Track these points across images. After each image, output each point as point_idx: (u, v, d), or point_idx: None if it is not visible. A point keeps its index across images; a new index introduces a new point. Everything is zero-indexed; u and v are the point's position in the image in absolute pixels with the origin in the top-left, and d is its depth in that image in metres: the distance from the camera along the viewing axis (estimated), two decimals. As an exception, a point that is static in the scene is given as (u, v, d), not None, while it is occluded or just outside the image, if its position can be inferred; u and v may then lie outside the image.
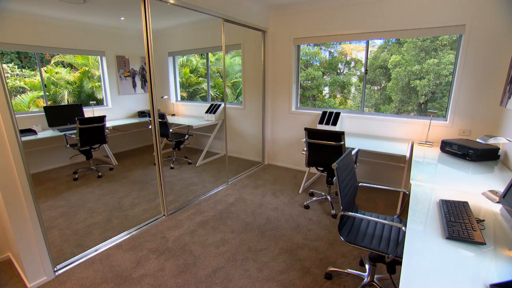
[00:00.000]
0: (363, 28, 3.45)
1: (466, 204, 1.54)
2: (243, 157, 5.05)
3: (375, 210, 3.04)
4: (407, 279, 1.03)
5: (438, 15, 3.02)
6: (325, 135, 2.80)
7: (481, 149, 2.45)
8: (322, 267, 2.14)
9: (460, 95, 3.08)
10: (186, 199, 3.33)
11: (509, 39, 2.73)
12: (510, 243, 1.26)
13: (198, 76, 8.96)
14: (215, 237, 2.56)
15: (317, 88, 7.96)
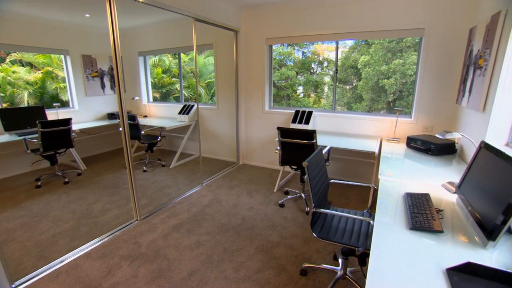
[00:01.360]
0: (333, 29, 3.55)
1: (428, 196, 1.64)
2: (218, 157, 5.01)
3: (347, 205, 3.14)
4: (374, 269, 1.07)
5: (401, 18, 3.18)
6: (297, 134, 2.85)
7: (441, 144, 2.62)
8: (298, 264, 2.17)
9: (423, 93, 3.27)
10: (160, 202, 3.24)
11: (461, 43, 2.95)
12: (464, 230, 1.35)
13: (171, 77, 8.75)
14: (190, 239, 2.51)
15: (291, 87, 8.08)
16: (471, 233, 1.32)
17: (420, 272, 1.05)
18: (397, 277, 1.03)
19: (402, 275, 1.04)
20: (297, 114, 3.89)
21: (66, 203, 3.24)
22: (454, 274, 1.04)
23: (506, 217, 1.12)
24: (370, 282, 1.01)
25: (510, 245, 1.24)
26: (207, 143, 5.10)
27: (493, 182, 1.32)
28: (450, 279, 1.01)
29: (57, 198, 3.38)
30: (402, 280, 1.01)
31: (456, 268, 1.05)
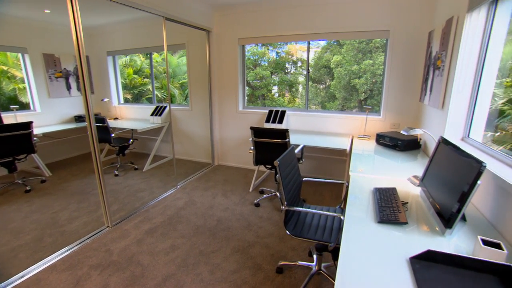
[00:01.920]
0: (304, 30, 3.62)
1: (394, 190, 1.72)
2: (192, 159, 4.93)
3: (322, 202, 3.22)
4: (344, 262, 1.11)
5: (369, 20, 3.31)
6: (270, 133, 2.88)
7: (407, 140, 2.76)
8: (274, 262, 2.19)
9: (390, 92, 3.43)
10: (133, 207, 3.13)
11: (422, 45, 3.13)
12: (427, 220, 1.44)
13: (143, 77, 8.47)
14: (164, 244, 2.45)
15: (266, 87, 8.14)
16: (432, 223, 1.41)
17: (386, 262, 1.10)
18: (365, 268, 1.07)
19: (369, 266, 1.08)
20: (270, 113, 3.93)
21: (28, 213, 3.02)
22: (416, 262, 1.10)
23: (460, 205, 1.21)
24: (340, 274, 1.04)
25: (464, 231, 1.34)
26: (181, 144, 5.00)
27: (450, 174, 1.41)
28: (413, 267, 1.07)
29: (17, 208, 3.15)
30: (370, 271, 1.05)
31: (418, 256, 1.11)
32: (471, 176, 1.18)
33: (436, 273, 1.04)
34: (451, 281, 0.99)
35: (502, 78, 5.63)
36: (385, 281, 1.00)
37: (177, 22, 3.44)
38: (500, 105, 5.13)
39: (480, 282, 0.99)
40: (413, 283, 0.99)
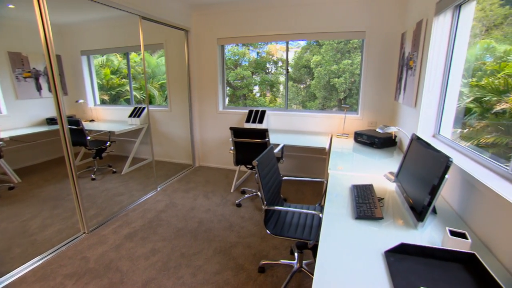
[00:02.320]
0: (283, 30, 3.66)
1: (371, 187, 1.77)
2: (173, 160, 4.85)
3: (303, 201, 3.27)
4: (322, 258, 1.13)
5: (346, 21, 3.40)
6: (250, 133, 2.89)
7: (384, 138, 2.85)
8: (256, 262, 2.20)
9: (367, 91, 3.53)
10: (111, 211, 3.03)
11: (396, 46, 3.25)
12: (401, 214, 1.49)
13: (121, 78, 8.21)
14: (144, 248, 2.39)
15: (247, 87, 8.15)
16: (406, 217, 1.46)
17: (362, 257, 1.13)
18: (342, 263, 1.10)
19: (347, 261, 1.11)
20: (250, 113, 3.93)
21: (-4, 222, 2.85)
22: (390, 255, 1.14)
23: (431, 197, 1.26)
24: (318, 270, 1.06)
25: (435, 223, 1.40)
26: (161, 146, 4.90)
27: (421, 169, 1.48)
28: (387, 260, 1.10)
29: (-17, 217, 2.97)
30: (347, 266, 1.08)
31: (392, 250, 1.15)
32: (440, 170, 1.24)
33: (408, 264, 1.08)
34: (421, 271, 1.04)
35: (468, 78, 5.94)
36: (361, 274, 1.03)
37: (154, 22, 3.37)
38: (468, 103, 5.43)
39: (447, 270, 1.04)
40: (387, 276, 1.02)
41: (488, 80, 5.18)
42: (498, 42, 6.08)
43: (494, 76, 5.24)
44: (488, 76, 5.43)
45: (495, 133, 4.99)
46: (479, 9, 6.78)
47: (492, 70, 5.54)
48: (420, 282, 0.98)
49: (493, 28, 6.68)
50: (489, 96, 5.06)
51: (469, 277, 1.00)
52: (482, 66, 5.90)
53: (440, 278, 1.00)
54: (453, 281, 0.99)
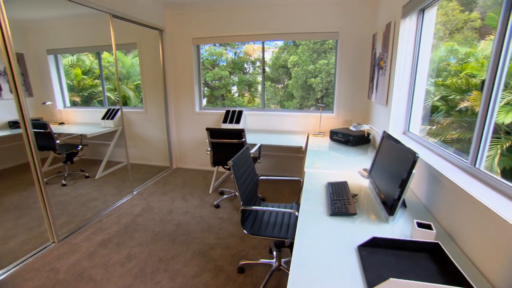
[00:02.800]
0: (259, 30, 3.67)
1: (346, 183, 1.81)
2: (149, 163, 4.72)
3: (281, 199, 3.30)
4: (297, 255, 1.15)
5: (320, 22, 3.47)
6: (226, 134, 2.88)
7: (358, 136, 2.94)
8: (235, 262, 2.19)
9: (341, 91, 3.63)
10: (84, 218, 2.90)
11: (368, 46, 3.37)
12: (374, 209, 1.54)
13: (93, 78, 7.87)
14: (120, 254, 2.31)
15: (225, 87, 8.11)
16: (378, 212, 1.52)
17: (337, 252, 1.16)
18: (317, 259, 1.12)
19: (321, 257, 1.13)
20: (227, 114, 3.92)
21: (-48, 235, 2.64)
22: (363, 249, 1.17)
23: (401, 191, 1.31)
24: (293, 267, 1.08)
25: (405, 217, 1.46)
26: (137, 148, 4.76)
27: (392, 165, 1.54)
28: (360, 254, 1.14)
29: None
30: (322, 262, 1.10)
31: (364, 244, 1.19)
32: (408, 165, 1.30)
33: (379, 257, 1.12)
34: (391, 263, 1.08)
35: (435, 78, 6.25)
36: (335, 269, 1.06)
37: (126, 20, 3.26)
38: (435, 102, 5.71)
39: (415, 260, 1.09)
40: (360, 269, 1.05)
41: (452, 80, 5.51)
42: (460, 45, 6.47)
43: (457, 76, 5.57)
44: (452, 76, 5.77)
45: (459, 129, 5.31)
46: (442, 14, 7.21)
47: (455, 70, 5.89)
48: (390, 273, 1.02)
49: (455, 32, 7.11)
50: (453, 94, 5.38)
51: (433, 265, 1.06)
52: (447, 67, 6.26)
53: (408, 268, 1.05)
54: (419, 270, 1.04)
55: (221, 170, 4.14)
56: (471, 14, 6.68)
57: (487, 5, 6.19)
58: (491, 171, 3.86)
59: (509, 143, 4.13)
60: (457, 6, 7.00)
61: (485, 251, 1.04)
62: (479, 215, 1.09)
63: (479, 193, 1.10)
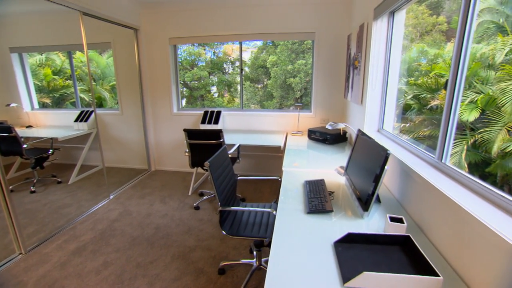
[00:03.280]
0: (236, 30, 3.66)
1: (323, 181, 1.85)
2: (127, 166, 4.58)
3: (261, 199, 3.30)
4: (275, 253, 1.16)
5: (296, 22, 3.51)
6: (204, 135, 2.85)
7: (335, 134, 3.01)
8: (216, 264, 2.17)
9: (318, 90, 3.69)
10: (55, 226, 2.76)
11: (343, 46, 3.46)
12: (350, 206, 1.58)
13: (65, 79, 7.51)
14: (95, 262, 2.22)
15: (204, 88, 8.02)
16: (354, 208, 1.56)
17: (313, 249, 1.18)
18: (294, 257, 1.13)
19: (298, 254, 1.15)
20: (206, 114, 3.88)
21: None
22: (339, 245, 1.20)
23: (375, 185, 1.35)
24: (271, 265, 1.09)
25: (379, 212, 1.51)
26: (114, 151, 4.60)
27: (366, 162, 1.58)
28: (336, 250, 1.17)
29: None
30: (299, 259, 1.12)
31: (340, 240, 1.21)
32: (380, 161, 1.34)
33: (355, 252, 1.15)
34: (366, 257, 1.11)
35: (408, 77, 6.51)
36: (311, 266, 1.07)
37: (97, 18, 3.14)
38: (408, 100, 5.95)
39: (388, 253, 1.13)
40: (336, 265, 1.08)
41: (423, 79, 5.79)
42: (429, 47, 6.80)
43: (428, 76, 5.86)
44: (423, 76, 6.05)
45: (430, 127, 5.59)
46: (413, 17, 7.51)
47: (425, 70, 6.19)
48: (364, 267, 1.05)
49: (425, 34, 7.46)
50: (424, 93, 5.65)
51: (404, 257, 1.10)
52: (418, 67, 6.56)
53: (382, 261, 1.09)
54: (391, 263, 1.08)
55: (200, 171, 4.10)
56: (438, 18, 7.06)
57: (452, 9, 6.56)
58: (459, 166, 4.09)
59: (473, 139, 4.39)
60: (426, 10, 7.36)
61: (449, 240, 1.09)
62: (444, 207, 1.15)
63: (445, 186, 1.16)
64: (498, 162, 4.13)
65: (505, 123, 4.07)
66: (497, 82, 4.42)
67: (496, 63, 4.52)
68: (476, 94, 4.57)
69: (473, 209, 0.96)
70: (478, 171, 4.51)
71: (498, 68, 4.52)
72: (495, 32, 4.90)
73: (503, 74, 4.35)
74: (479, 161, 4.41)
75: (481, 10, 4.94)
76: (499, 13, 4.91)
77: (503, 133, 4.03)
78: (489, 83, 4.60)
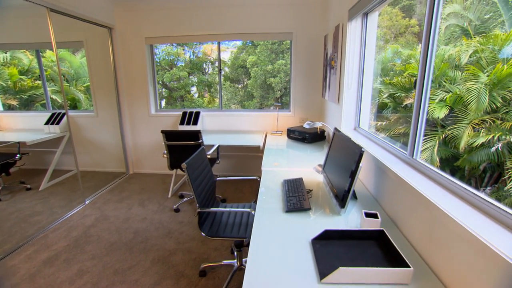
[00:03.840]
0: (214, 30, 3.63)
1: (301, 180, 1.87)
2: (103, 169, 4.42)
3: (242, 199, 3.30)
4: (253, 253, 1.16)
5: (274, 22, 3.53)
6: (182, 136, 2.81)
7: (313, 133, 3.05)
8: (197, 266, 2.14)
9: (297, 89, 3.74)
10: (24, 236, 2.60)
11: (320, 47, 3.52)
12: (328, 203, 1.61)
13: (34, 79, 7.11)
14: (69, 271, 2.12)
15: (184, 88, 7.90)
16: (332, 205, 1.59)
17: (292, 247, 1.19)
18: (273, 255, 1.14)
19: (277, 253, 1.15)
20: (184, 115, 3.82)
21: None
22: (316, 242, 1.22)
23: (351, 181, 1.38)
24: (249, 264, 1.08)
25: (356, 208, 1.55)
26: (89, 155, 4.42)
27: (342, 159, 1.62)
28: (313, 247, 1.18)
29: None
30: (277, 257, 1.12)
31: (318, 237, 1.23)
32: (355, 159, 1.38)
33: (331, 248, 1.17)
34: (342, 253, 1.14)
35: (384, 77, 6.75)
36: (290, 264, 1.08)
37: (66, 15, 3.00)
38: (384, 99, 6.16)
39: (363, 248, 1.16)
40: (313, 261, 1.09)
41: (397, 79, 6.02)
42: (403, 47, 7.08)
43: (402, 75, 6.10)
44: (397, 76, 6.30)
45: (405, 124, 5.82)
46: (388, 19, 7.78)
47: (400, 70, 6.44)
48: (340, 262, 1.07)
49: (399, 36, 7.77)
50: (399, 92, 5.88)
51: (379, 250, 1.14)
52: (393, 67, 6.83)
53: (357, 256, 1.12)
54: (367, 257, 1.11)
55: (180, 173, 4.03)
56: (411, 20, 7.38)
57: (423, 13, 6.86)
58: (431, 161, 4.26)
59: (444, 135, 4.63)
60: (399, 13, 7.69)
61: (420, 233, 1.14)
62: (415, 201, 1.20)
63: (415, 181, 1.22)
64: (465, 156, 4.39)
65: (471, 120, 4.33)
66: (463, 82, 4.69)
67: (462, 63, 4.80)
68: (445, 93, 4.82)
69: (440, 202, 1.00)
70: (449, 165, 4.77)
71: (464, 68, 4.79)
72: (460, 35, 5.20)
73: (468, 74, 4.62)
74: (450, 156, 4.66)
75: (448, 14, 5.22)
76: (463, 17, 5.22)
77: (469, 130, 4.28)
78: (457, 82, 4.86)
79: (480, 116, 4.31)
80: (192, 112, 3.84)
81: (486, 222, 0.88)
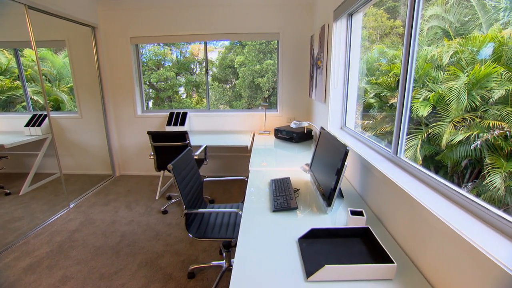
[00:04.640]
0: (200, 30, 3.60)
1: (288, 179, 1.87)
2: (88, 172, 4.31)
3: (230, 199, 3.29)
4: (241, 253, 1.16)
5: (261, 23, 3.54)
6: (169, 137, 2.78)
7: (301, 132, 3.08)
8: (185, 268, 2.11)
9: (284, 89, 3.76)
10: (3, 243, 2.50)
11: (307, 47, 3.55)
12: (315, 202, 1.63)
13: (13, 79, 6.86)
14: (52, 278, 2.06)
15: (171, 88, 7.81)
16: (318, 204, 1.60)
17: (278, 247, 1.19)
18: (260, 255, 1.14)
19: (264, 252, 1.15)
20: (171, 116, 3.78)
21: None
22: (303, 241, 1.23)
23: (337, 179, 1.40)
24: (236, 266, 1.08)
25: (342, 206, 1.57)
26: (73, 157, 4.30)
27: (329, 158, 1.63)
28: (300, 246, 1.19)
29: None
30: (264, 257, 1.12)
31: (304, 236, 1.24)
32: (341, 157, 1.39)
33: (318, 247, 1.18)
34: (328, 251, 1.15)
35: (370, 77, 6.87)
36: (276, 263, 1.08)
37: (45, 13, 2.90)
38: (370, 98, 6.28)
39: (349, 245, 1.18)
40: (300, 260, 1.10)
41: (383, 78, 6.15)
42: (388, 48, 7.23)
43: (387, 75, 6.23)
44: (383, 75, 6.43)
45: (391, 123, 5.94)
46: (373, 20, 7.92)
47: (385, 70, 6.58)
48: (326, 260, 1.08)
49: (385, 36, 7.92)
50: (385, 92, 6.00)
51: (364, 247, 1.16)
52: (379, 67, 6.96)
53: (343, 253, 1.13)
54: (352, 254, 1.12)
55: (167, 175, 3.97)
56: (395, 21, 7.55)
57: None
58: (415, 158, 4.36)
59: (427, 133, 4.76)
60: (384, 14, 7.85)
61: (404, 229, 1.17)
62: (399, 198, 1.22)
63: (398, 179, 1.24)
64: (445, 152, 4.53)
65: (452, 118, 4.47)
66: (445, 81, 4.84)
67: (444, 64, 4.95)
68: (428, 92, 4.96)
69: (422, 199, 1.03)
70: (432, 163, 4.91)
71: (445, 69, 4.95)
72: (442, 36, 5.36)
73: (449, 74, 4.77)
74: (433, 154, 4.80)
75: (430, 16, 5.37)
76: (444, 19, 5.38)
77: (450, 127, 4.42)
78: (439, 82, 5.01)
79: (461, 115, 4.46)
80: (179, 113, 3.80)
81: (464, 216, 0.91)
